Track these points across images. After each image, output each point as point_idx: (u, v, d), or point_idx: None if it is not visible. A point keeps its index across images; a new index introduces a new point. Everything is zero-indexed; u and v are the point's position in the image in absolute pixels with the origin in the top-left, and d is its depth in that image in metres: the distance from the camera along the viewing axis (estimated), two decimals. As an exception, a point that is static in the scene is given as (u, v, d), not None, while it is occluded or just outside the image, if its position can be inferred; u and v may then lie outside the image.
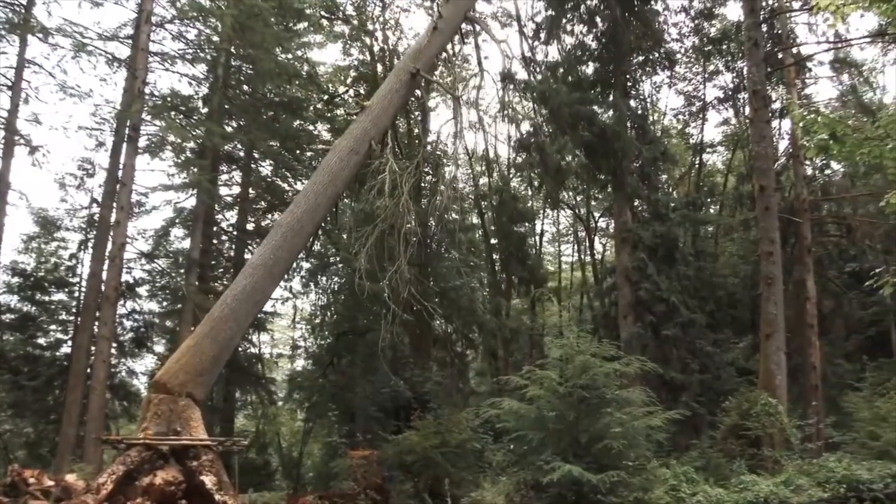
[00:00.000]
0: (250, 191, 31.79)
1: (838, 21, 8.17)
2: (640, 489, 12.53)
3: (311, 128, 31.34)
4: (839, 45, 29.82)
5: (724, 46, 35.49)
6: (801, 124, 8.48)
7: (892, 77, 51.50)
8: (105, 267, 22.81)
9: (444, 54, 20.25)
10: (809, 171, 31.21)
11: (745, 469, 16.96)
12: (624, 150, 25.32)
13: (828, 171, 32.91)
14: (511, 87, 25.45)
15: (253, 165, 31.43)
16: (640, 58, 33.34)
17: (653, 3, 31.88)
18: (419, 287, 24.54)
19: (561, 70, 26.75)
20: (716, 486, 15.19)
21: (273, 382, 34.16)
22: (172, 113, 24.42)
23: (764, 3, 28.57)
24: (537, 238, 44.63)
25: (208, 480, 11.02)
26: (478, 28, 20.72)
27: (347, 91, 33.42)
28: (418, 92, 21.70)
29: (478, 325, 31.99)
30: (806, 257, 27.26)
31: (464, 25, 20.36)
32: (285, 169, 30.30)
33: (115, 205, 22.81)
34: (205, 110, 26.39)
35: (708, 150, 40.88)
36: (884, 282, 7.87)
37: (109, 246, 22.83)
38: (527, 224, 38.51)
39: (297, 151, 29.96)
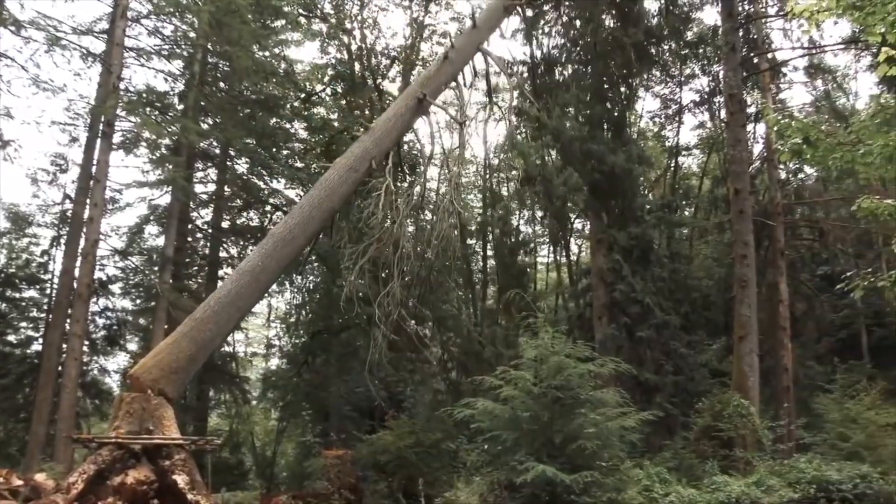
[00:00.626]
0: (226, 188, 31.63)
1: (812, 27, 8.24)
2: (614, 489, 12.57)
3: (287, 126, 31.24)
4: (814, 52, 30.14)
5: (701, 50, 35.69)
6: (775, 128, 8.55)
7: (865, 83, 51.98)
8: (78, 264, 22.57)
9: (454, 83, 20.20)
10: (783, 175, 31.47)
11: (717, 470, 17.08)
12: (633, 191, 24.97)
13: (801, 175, 33.22)
14: (523, 119, 25.00)
15: (229, 163, 31.29)
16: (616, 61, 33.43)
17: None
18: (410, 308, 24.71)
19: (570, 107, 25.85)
20: (688, 487, 15.28)
21: (247, 381, 34.00)
22: (148, 109, 24.18)
23: (740, 9, 28.71)
24: (513, 238, 44.80)
25: (181, 480, 10.93)
26: (490, 60, 20.83)
27: (325, 89, 33.31)
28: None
29: (474, 354, 31.89)
30: (779, 260, 27.51)
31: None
32: (261, 167, 30.15)
33: (88, 201, 22.58)
34: (181, 107, 26.23)
35: (684, 152, 41.12)
36: (854, 285, 7.95)
37: (82, 242, 22.58)
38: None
39: (274, 150, 29.83)
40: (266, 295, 32.97)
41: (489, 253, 43.21)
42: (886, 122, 7.78)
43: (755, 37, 30.30)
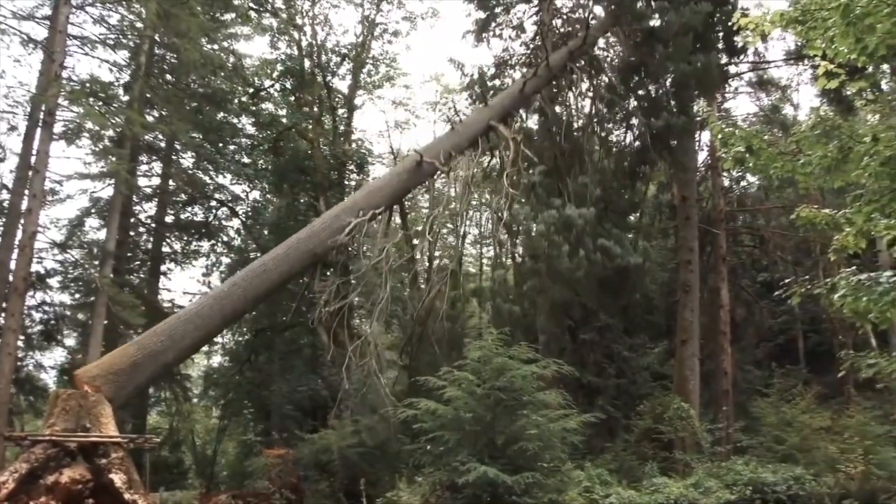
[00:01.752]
0: (170, 183, 31.12)
1: (757, 40, 8.37)
2: (555, 490, 12.64)
3: (235, 121, 30.90)
4: (760, 64, 30.70)
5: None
6: (719, 137, 8.67)
7: (807, 95, 53.12)
8: (14, 256, 21.97)
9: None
10: (726, 183, 32.00)
11: (657, 471, 17.30)
12: (642, 289, 24.47)
13: (743, 184, 33.83)
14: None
15: (174, 157, 30.81)
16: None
17: (581, 11, 32.15)
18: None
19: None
20: (628, 488, 15.45)
21: (188, 379, 33.43)
22: (91, 99, 23.60)
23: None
24: (459, 239, 44.89)
25: (117, 479, 10.70)
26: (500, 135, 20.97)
27: (274, 85, 32.99)
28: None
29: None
30: (721, 266, 27.96)
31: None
32: (207, 162, 29.76)
33: (26, 192, 21.98)
34: (125, 98, 25.68)
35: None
36: (792, 292, 8.10)
37: (19, 234, 21.95)
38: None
39: (221, 144, 29.48)
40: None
41: (436, 253, 43.26)
42: (825, 134, 7.94)
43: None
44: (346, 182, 32.76)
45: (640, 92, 24.97)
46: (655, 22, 22.32)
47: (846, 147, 7.61)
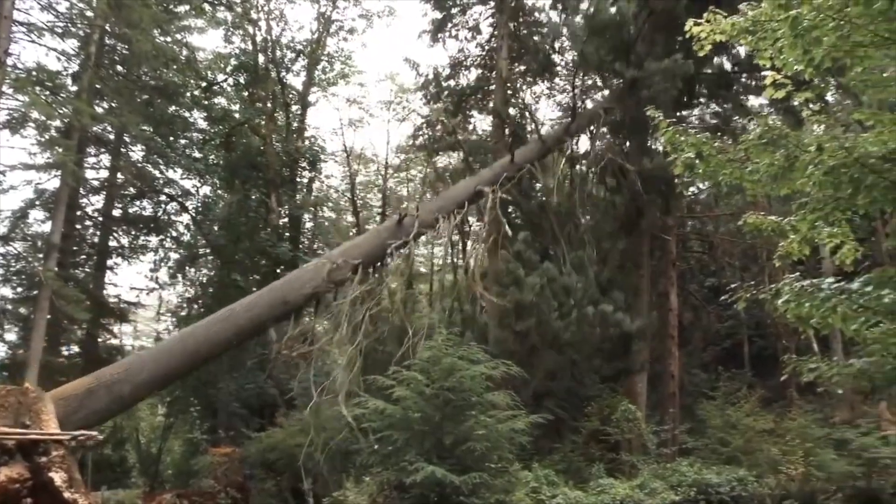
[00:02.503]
0: (119, 176, 30.60)
1: (707, 46, 8.49)
2: (502, 491, 12.68)
3: (186, 115, 30.51)
4: (711, 73, 31.13)
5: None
6: (670, 143, 8.77)
7: (755, 103, 53.93)
8: (-46, 248, 21.50)
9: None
10: (677, 189, 32.36)
11: (603, 472, 17.46)
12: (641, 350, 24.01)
13: (693, 190, 34.31)
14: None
15: (123, 149, 30.31)
16: (521, 67, 33.84)
17: (537, 14, 32.34)
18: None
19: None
20: (575, 489, 15.56)
21: (134, 376, 32.91)
22: (38, 88, 23.12)
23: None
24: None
25: (57, 477, 10.45)
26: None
27: (227, 79, 32.65)
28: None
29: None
30: (671, 271, 28.26)
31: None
32: (157, 155, 29.32)
33: (-32, 182, 21.52)
34: (74, 88, 25.22)
35: (583, 161, 41.88)
36: (738, 297, 8.23)
37: (-40, 226, 21.51)
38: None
39: (171, 138, 29.05)
40: (157, 287, 32.17)
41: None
42: (773, 142, 8.07)
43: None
44: (299, 179, 32.56)
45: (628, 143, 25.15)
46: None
47: (792, 156, 7.75)
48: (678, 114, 22.83)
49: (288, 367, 26.88)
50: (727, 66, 26.44)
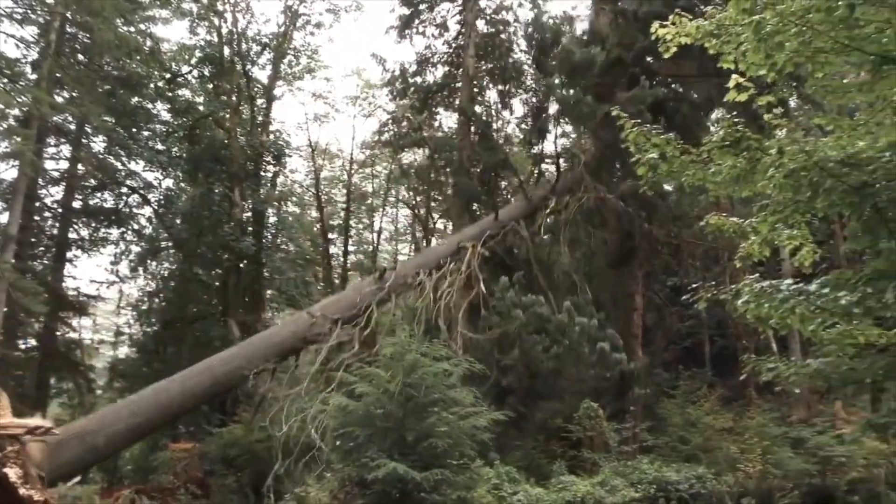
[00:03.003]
0: (79, 167, 30.15)
1: (672, 48, 8.57)
2: (464, 488, 12.70)
3: (150, 106, 30.15)
4: (679, 76, 31.42)
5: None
6: (633, 142, 8.84)
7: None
8: None
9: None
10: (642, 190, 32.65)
11: (565, 470, 17.57)
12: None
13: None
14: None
15: (84, 140, 29.85)
16: (488, 65, 33.93)
17: (504, 13, 32.42)
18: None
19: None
20: (536, 486, 15.65)
21: (92, 370, 32.49)
22: (-5, 76, 22.75)
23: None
24: (375, 235, 44.81)
25: (12, 473, 10.31)
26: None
27: (191, 71, 32.31)
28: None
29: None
30: (636, 271, 28.45)
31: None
32: (119, 147, 28.92)
33: (-78, 171, 21.07)
34: (33, 76, 24.78)
35: (548, 160, 42.10)
36: (699, 297, 8.32)
37: (-86, 216, 21.05)
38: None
39: (134, 130, 28.68)
40: (118, 281, 31.75)
41: (350, 248, 43.09)
42: (735, 144, 8.17)
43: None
44: (263, 173, 32.34)
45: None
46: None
47: (754, 158, 7.84)
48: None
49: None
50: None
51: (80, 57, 27.86)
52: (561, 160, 27.22)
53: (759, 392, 25.38)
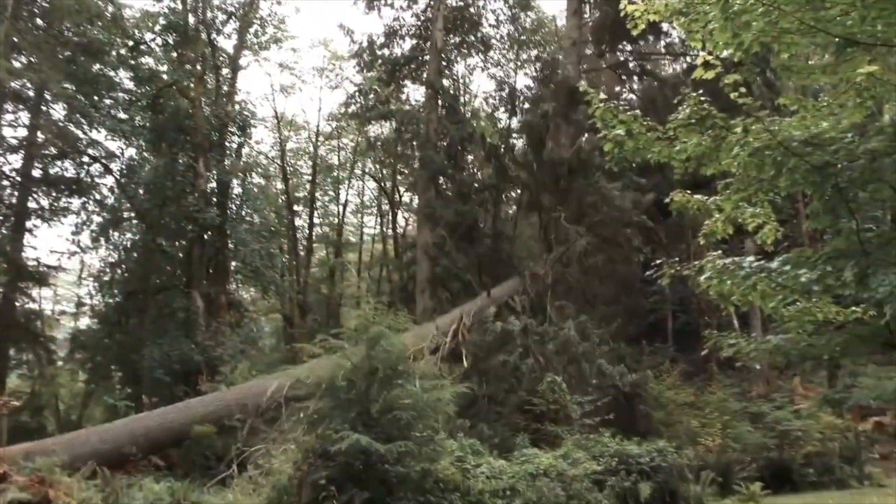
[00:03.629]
0: (39, 135, 29.54)
1: (641, 26, 8.57)
2: (427, 460, 12.78)
3: (112, 74, 29.55)
4: (647, 55, 31.58)
5: (538, 37, 36.57)
6: (600, 118, 8.86)
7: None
8: None
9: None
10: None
11: (528, 442, 17.72)
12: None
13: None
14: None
15: (44, 107, 29.22)
16: (457, 39, 33.82)
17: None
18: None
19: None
20: (499, 458, 15.77)
21: (53, 341, 32.09)
22: (-51, 40, 22.18)
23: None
24: (341, 207, 44.66)
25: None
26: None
27: (155, 39, 31.71)
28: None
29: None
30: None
31: None
32: (80, 115, 28.34)
33: None
34: (-11, 41, 24.21)
35: (515, 134, 42.19)
36: (662, 273, 8.39)
37: None
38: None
39: (95, 97, 28.12)
40: (79, 251, 31.28)
41: (315, 220, 42.90)
42: (700, 122, 8.21)
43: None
44: (228, 144, 31.98)
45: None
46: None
47: (719, 136, 7.89)
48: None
49: (214, 333, 26.59)
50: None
51: (39, 21, 27.24)
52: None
53: (721, 368, 25.78)
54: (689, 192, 9.39)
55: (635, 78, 35.23)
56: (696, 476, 17.22)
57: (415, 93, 37.85)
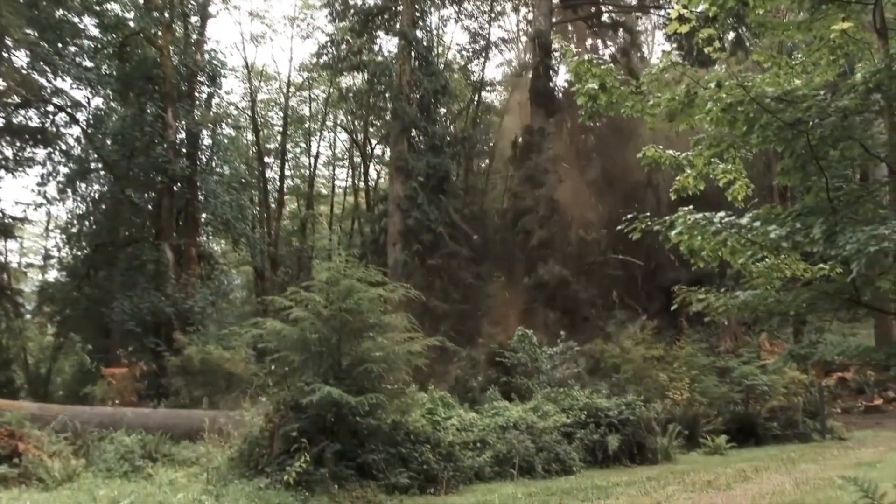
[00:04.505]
0: (1, 82, 28.86)
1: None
2: (398, 411, 12.87)
3: (76, 20, 28.79)
4: (619, 8, 31.39)
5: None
6: (575, 70, 8.78)
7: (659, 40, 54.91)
8: None
9: None
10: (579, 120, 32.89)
11: (498, 395, 17.89)
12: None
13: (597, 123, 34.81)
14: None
15: (5, 54, 28.47)
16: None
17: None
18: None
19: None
20: (470, 411, 15.93)
21: (20, 294, 31.75)
22: None
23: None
24: (312, 159, 44.35)
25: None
26: None
27: (121, -17, 30.96)
28: None
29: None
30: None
31: None
32: (44, 62, 27.63)
33: None
34: (-57, -17, 23.45)
35: (487, 88, 41.99)
36: (633, 227, 8.40)
37: None
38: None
39: (59, 45, 27.41)
40: (45, 202, 30.80)
41: (287, 173, 42.59)
42: (675, 78, 8.18)
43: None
44: (197, 94, 31.49)
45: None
46: None
47: (692, 92, 7.86)
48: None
49: (184, 286, 26.44)
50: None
51: (-2, -36, 26.42)
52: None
53: (690, 323, 26.08)
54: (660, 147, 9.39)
55: (609, 32, 35.07)
56: (664, 429, 17.51)
57: (388, 44, 37.47)
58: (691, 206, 7.82)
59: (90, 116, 30.25)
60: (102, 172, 30.21)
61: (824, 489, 11.18)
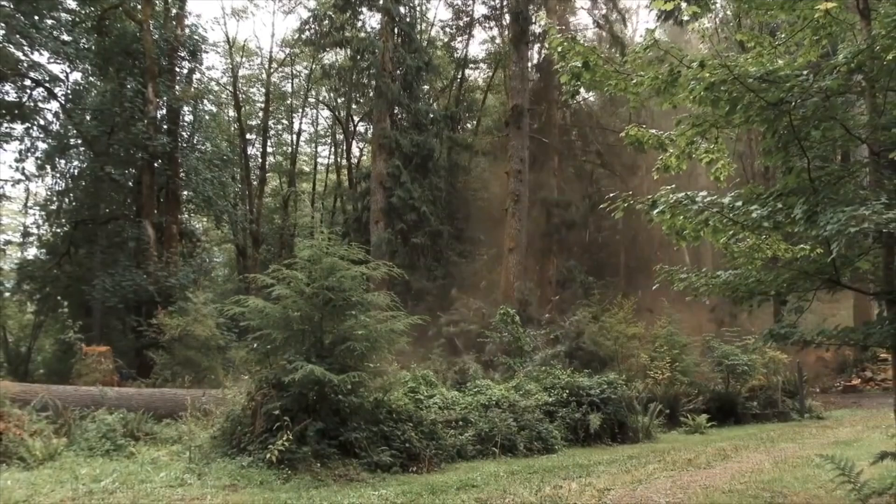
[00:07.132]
0: (-25, 56, 28.44)
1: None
2: (380, 390, 12.88)
3: (53, -9, 28.35)
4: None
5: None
6: (558, 49, 8.73)
7: (644, 16, 54.79)
8: None
9: None
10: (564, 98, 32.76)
11: (480, 373, 17.95)
12: None
13: (579, 99, 34.76)
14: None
15: (-22, 26, 28.06)
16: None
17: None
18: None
19: None
20: (452, 389, 15.97)
21: (-1, 271, 31.56)
22: None
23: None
24: (294, 136, 44.11)
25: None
26: None
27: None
28: None
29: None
30: (552, 179, 28.80)
31: None
32: (20, 35, 27.17)
33: None
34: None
35: (471, 65, 41.79)
36: (615, 206, 8.40)
37: None
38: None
39: (36, 17, 26.98)
40: (24, 179, 30.48)
41: (269, 150, 42.35)
42: (658, 57, 8.16)
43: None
44: (178, 69, 31.16)
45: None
46: None
47: (676, 70, 7.85)
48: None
49: (166, 263, 26.31)
50: None
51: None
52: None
53: (672, 302, 26.21)
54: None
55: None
56: (645, 408, 17.63)
57: (371, 20, 37.19)
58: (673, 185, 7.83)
59: (69, 91, 29.91)
60: (82, 149, 29.91)
61: (802, 467, 11.31)
